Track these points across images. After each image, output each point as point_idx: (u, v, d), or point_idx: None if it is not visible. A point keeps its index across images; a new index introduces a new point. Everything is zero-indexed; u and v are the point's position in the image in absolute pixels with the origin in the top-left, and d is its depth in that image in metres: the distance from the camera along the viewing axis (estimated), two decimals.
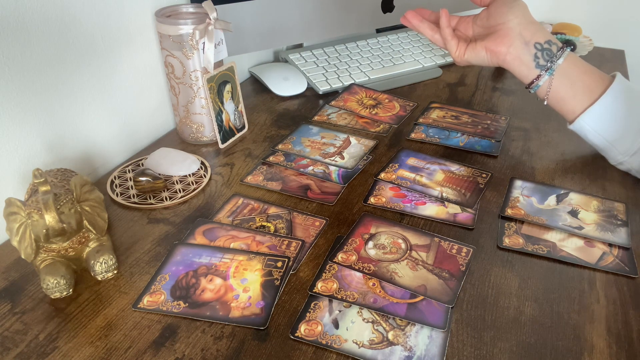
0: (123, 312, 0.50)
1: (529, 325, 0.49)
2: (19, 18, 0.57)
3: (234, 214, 0.62)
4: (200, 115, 0.75)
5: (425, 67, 0.99)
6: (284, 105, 0.88)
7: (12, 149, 0.59)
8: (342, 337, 0.47)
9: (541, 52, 0.66)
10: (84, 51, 0.66)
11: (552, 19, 1.18)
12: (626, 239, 0.58)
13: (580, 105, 0.67)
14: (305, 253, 0.57)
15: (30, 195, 0.52)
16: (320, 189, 0.67)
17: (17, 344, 0.47)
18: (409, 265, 0.55)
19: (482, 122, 0.82)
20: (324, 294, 0.51)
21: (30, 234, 0.49)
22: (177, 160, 0.70)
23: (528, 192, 0.66)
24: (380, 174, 0.69)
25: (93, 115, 0.69)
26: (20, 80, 0.58)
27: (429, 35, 0.72)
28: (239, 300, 0.51)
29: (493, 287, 0.53)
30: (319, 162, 0.71)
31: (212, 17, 0.69)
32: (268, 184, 0.67)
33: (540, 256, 0.56)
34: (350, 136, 0.78)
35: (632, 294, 0.52)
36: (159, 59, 0.78)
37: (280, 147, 0.75)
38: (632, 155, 0.65)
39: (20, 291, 0.52)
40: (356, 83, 0.93)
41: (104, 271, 0.52)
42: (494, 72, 1.00)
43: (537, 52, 0.66)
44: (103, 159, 0.72)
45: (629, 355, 0.46)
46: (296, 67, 0.96)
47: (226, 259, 0.55)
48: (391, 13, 1.01)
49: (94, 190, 0.54)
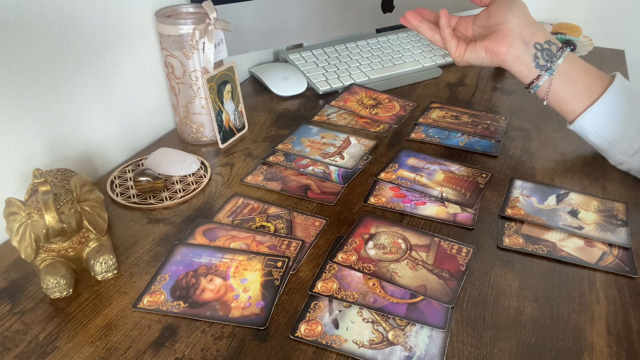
0: (123, 312, 0.50)
1: (529, 325, 0.49)
2: (19, 18, 0.57)
3: (234, 214, 0.62)
4: (200, 115, 0.75)
5: (425, 67, 0.99)
6: (284, 105, 0.88)
7: (12, 149, 0.59)
8: (342, 337, 0.47)
9: (541, 52, 0.66)
10: (84, 51, 0.66)
11: (552, 19, 1.18)
12: (626, 239, 0.58)
13: (580, 105, 0.67)
14: (305, 253, 0.57)
15: (30, 195, 0.52)
16: (320, 189, 0.67)
17: (17, 344, 0.47)
18: (409, 265, 0.55)
19: (482, 122, 0.82)
20: (324, 294, 0.51)
21: (30, 234, 0.49)
22: (177, 160, 0.70)
23: (528, 192, 0.66)
24: (380, 174, 0.69)
25: (93, 115, 0.69)
26: (20, 80, 0.58)
27: (429, 36, 0.72)
28: (239, 300, 0.51)
29: (493, 287, 0.53)
30: (319, 162, 0.71)
31: (212, 17, 0.69)
32: (268, 184, 0.67)
33: (540, 256, 0.56)
34: (350, 136, 0.78)
35: (632, 294, 0.52)
36: (159, 59, 0.78)
37: (280, 147, 0.75)
38: (632, 155, 0.65)
39: (20, 291, 0.52)
40: (356, 83, 0.93)
41: (104, 271, 0.52)
42: (494, 72, 1.00)
43: (536, 52, 0.66)
44: (103, 159, 0.72)
45: (629, 355, 0.46)
46: (296, 67, 0.96)
47: (226, 259, 0.55)
48: (391, 13, 1.01)
49: (94, 190, 0.54)
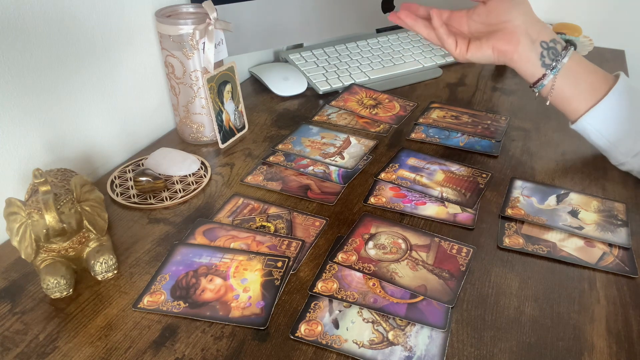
0: (123, 312, 0.50)
1: (529, 325, 0.49)
2: (19, 18, 0.57)
3: (234, 214, 0.62)
4: (201, 115, 0.75)
5: (425, 67, 0.99)
6: (284, 105, 0.88)
7: (12, 149, 0.59)
8: (342, 337, 0.47)
9: (547, 51, 0.65)
10: (84, 51, 0.66)
11: (552, 19, 1.18)
12: (626, 239, 0.58)
13: (583, 105, 0.66)
14: (305, 253, 0.57)
15: (31, 195, 0.52)
16: (320, 189, 0.67)
17: (17, 344, 0.47)
18: (409, 265, 0.55)
19: (482, 122, 0.82)
20: (324, 294, 0.51)
21: (30, 234, 0.49)
22: (177, 160, 0.70)
23: (528, 192, 0.66)
24: (380, 174, 0.69)
25: (93, 115, 0.69)
26: (20, 80, 0.58)
27: (425, 34, 0.69)
28: (239, 300, 0.51)
29: (493, 287, 0.53)
30: (319, 162, 0.71)
31: (212, 17, 0.69)
32: (268, 184, 0.67)
33: (541, 256, 0.56)
34: (350, 136, 0.78)
35: (632, 294, 0.52)
36: (159, 59, 0.78)
37: (281, 147, 0.75)
38: (634, 157, 0.65)
39: (20, 291, 0.52)
40: (356, 83, 0.93)
41: (104, 271, 0.52)
42: (494, 72, 1.00)
43: (543, 51, 0.65)
44: (103, 159, 0.72)
45: (629, 355, 0.46)
46: (296, 67, 0.96)
47: (226, 259, 0.55)
48: None
49: (94, 190, 0.54)
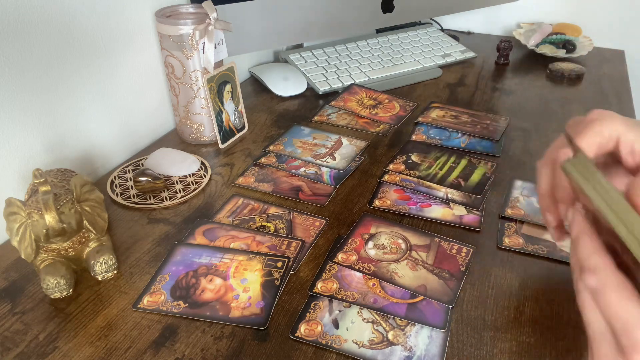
0: (123, 312, 0.50)
1: (529, 325, 0.49)
2: (19, 18, 0.57)
3: (234, 214, 0.62)
4: (200, 115, 0.75)
5: (425, 67, 0.99)
6: (284, 105, 0.88)
7: (12, 149, 0.59)
8: (342, 337, 0.47)
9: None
10: (84, 51, 0.66)
11: (552, 19, 1.18)
12: None
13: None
14: (305, 253, 0.57)
15: (30, 195, 0.52)
16: (311, 190, 0.66)
17: (17, 344, 0.47)
18: (409, 265, 0.55)
19: (482, 122, 0.81)
20: (324, 294, 0.51)
21: (30, 234, 0.49)
22: (177, 160, 0.70)
23: (528, 192, 0.66)
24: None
25: (93, 115, 0.69)
26: (20, 80, 0.58)
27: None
28: (239, 300, 0.51)
29: (493, 287, 0.53)
30: (311, 164, 0.71)
31: (212, 17, 0.69)
32: (259, 186, 0.67)
33: (540, 256, 0.56)
34: (341, 137, 0.77)
35: None
36: (159, 59, 0.78)
37: (272, 149, 0.75)
38: None
39: (20, 291, 0.52)
40: (356, 83, 0.93)
41: (104, 271, 0.52)
42: (494, 72, 1.00)
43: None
44: (103, 159, 0.72)
45: None
46: (296, 67, 0.96)
47: (226, 259, 0.55)
48: (391, 13, 1.01)
49: (94, 190, 0.54)
